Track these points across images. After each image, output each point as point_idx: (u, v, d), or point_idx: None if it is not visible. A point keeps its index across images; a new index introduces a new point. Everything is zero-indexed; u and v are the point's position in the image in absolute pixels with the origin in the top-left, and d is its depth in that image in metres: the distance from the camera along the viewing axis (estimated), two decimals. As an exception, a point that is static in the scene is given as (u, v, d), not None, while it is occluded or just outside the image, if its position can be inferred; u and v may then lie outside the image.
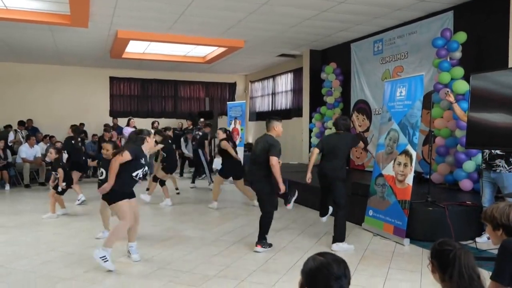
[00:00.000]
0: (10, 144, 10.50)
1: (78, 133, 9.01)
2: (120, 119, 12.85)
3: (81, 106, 12.99)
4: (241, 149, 10.50)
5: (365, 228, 5.58)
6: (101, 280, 3.78)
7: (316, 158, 5.06)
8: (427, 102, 6.19)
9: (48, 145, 10.19)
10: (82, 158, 8.29)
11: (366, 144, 5.24)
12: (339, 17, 7.56)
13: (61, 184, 6.32)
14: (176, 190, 8.49)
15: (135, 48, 10.39)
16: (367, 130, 8.96)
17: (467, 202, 5.24)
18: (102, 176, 5.08)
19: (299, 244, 4.93)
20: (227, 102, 12.52)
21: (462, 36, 6.33)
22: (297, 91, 12.09)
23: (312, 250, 4.65)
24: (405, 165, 5.13)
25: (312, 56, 10.56)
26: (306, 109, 10.85)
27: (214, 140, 11.00)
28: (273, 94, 13.59)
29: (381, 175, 5.52)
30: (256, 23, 7.92)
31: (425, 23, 7.41)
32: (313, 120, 10.28)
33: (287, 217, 6.31)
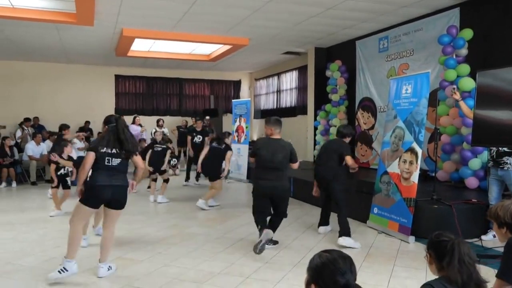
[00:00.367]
0: (19, 140, 10.58)
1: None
2: (125, 117, 12.88)
3: (86, 104, 13.06)
4: (245, 146, 10.53)
5: (370, 225, 5.57)
6: (107, 276, 3.80)
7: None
8: (433, 100, 6.16)
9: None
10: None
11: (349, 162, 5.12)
12: (344, 15, 7.53)
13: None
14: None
15: (140, 46, 10.42)
16: (372, 127, 8.93)
17: (472, 200, 5.22)
18: None
19: (304, 241, 4.94)
20: (232, 100, 12.54)
21: (468, 33, 6.29)
22: (302, 88, 12.07)
23: (317, 247, 4.65)
24: (411, 162, 5.11)
25: (317, 53, 10.53)
26: (311, 107, 10.83)
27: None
28: (278, 91, 13.57)
29: (386, 173, 5.51)
30: (261, 20, 7.91)
31: (431, 20, 7.36)
32: (318, 117, 10.26)
33: (292, 214, 6.31)
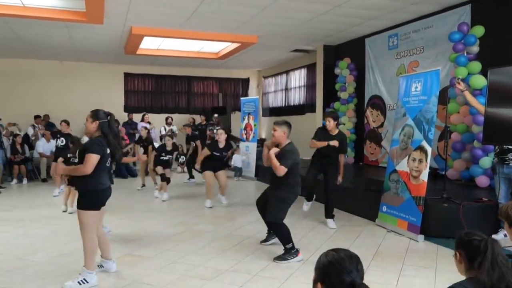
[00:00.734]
0: (33, 138, 10.71)
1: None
2: (134, 115, 12.97)
3: (96, 101, 13.05)
4: (254, 144, 10.53)
5: (379, 224, 5.55)
6: (117, 272, 3.84)
7: None
8: (443, 98, 6.10)
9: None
10: None
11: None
12: (353, 12, 7.48)
13: None
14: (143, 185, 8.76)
15: (149, 45, 10.46)
16: (381, 125, 8.88)
17: (483, 198, 5.16)
18: None
19: (311, 240, 4.93)
20: (240, 98, 12.54)
21: (479, 30, 6.21)
22: (310, 86, 12.03)
23: (325, 246, 4.65)
24: (420, 161, 5.07)
25: (326, 51, 10.48)
26: (319, 105, 10.79)
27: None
28: (286, 89, 13.54)
29: (395, 171, 5.47)
30: (270, 18, 7.89)
31: (441, 17, 7.28)
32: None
33: (300, 212, 6.30)
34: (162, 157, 7.75)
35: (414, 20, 7.87)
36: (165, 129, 12.17)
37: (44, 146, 10.00)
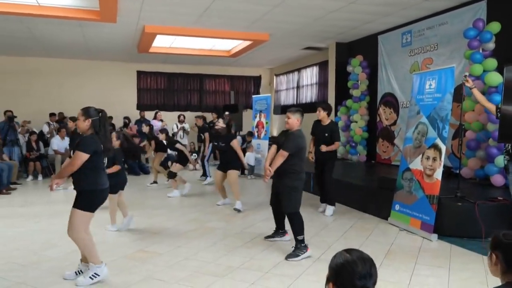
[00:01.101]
0: (48, 136, 10.88)
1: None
2: (147, 113, 13.08)
3: (109, 99, 13.25)
4: (265, 142, 10.53)
5: (391, 222, 5.50)
6: (129, 268, 3.88)
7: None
8: (458, 95, 6.01)
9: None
10: None
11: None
12: (366, 9, 7.42)
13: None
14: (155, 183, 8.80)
15: (161, 43, 10.53)
16: (394, 123, 8.79)
17: (498, 198, 5.08)
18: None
19: (323, 238, 4.91)
20: (252, 96, 12.53)
21: (495, 26, 6.10)
22: (322, 84, 11.97)
23: (337, 244, 4.63)
24: (434, 159, 5.02)
25: (338, 48, 10.42)
26: (331, 102, 10.68)
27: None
28: (298, 87, 13.50)
29: (408, 169, 5.42)
30: (281, 16, 7.87)
31: (456, 14, 7.17)
32: (338, 113, 10.16)
33: (312, 210, 6.29)
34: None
35: (428, 16, 7.77)
36: (177, 126, 12.25)
37: (59, 143, 10.14)
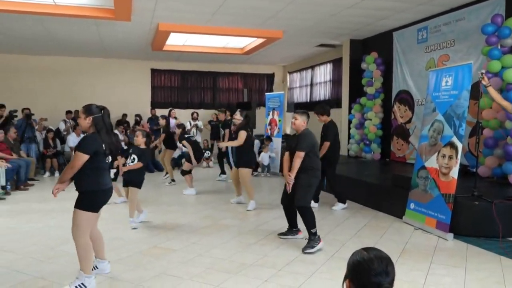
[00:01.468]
0: (64, 133, 11.06)
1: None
2: (161, 110, 13.17)
3: (124, 97, 13.43)
4: (278, 140, 10.51)
5: (406, 221, 5.44)
6: (144, 264, 3.92)
7: None
8: (475, 92, 5.91)
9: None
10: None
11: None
12: (381, 5, 7.33)
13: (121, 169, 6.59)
14: (170, 179, 8.83)
15: (175, 41, 10.58)
16: (409, 121, 8.69)
17: (516, 197, 4.98)
18: (134, 161, 5.42)
19: (337, 236, 4.89)
20: (265, 93, 12.52)
21: (514, 22, 5.97)
22: (336, 81, 11.88)
23: (350, 243, 4.60)
24: (450, 157, 4.94)
25: (352, 45, 10.33)
26: (345, 100, 10.66)
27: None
28: (312, 85, 13.43)
29: (423, 168, 5.35)
30: (295, 13, 7.83)
31: (474, 9, 7.04)
32: (352, 111, 10.09)
33: (325, 209, 6.27)
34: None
35: (444, 12, 7.64)
36: (190, 124, 12.31)
37: (75, 140, 10.27)
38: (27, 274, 3.67)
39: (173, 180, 8.79)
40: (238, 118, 6.62)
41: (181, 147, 8.94)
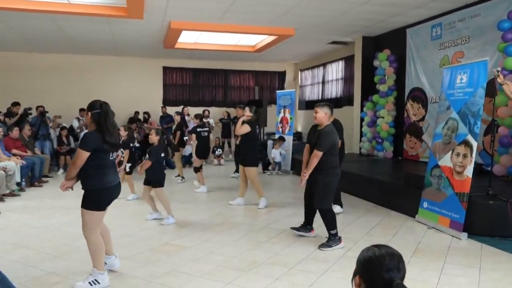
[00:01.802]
0: (78, 130, 11.20)
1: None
2: (173, 108, 13.23)
3: (136, 95, 13.53)
4: (290, 138, 10.48)
5: (419, 220, 5.38)
6: (155, 261, 3.95)
7: None
8: (490, 90, 5.80)
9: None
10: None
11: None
12: (395, 1, 7.24)
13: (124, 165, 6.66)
14: (180, 177, 8.86)
15: (187, 38, 10.62)
16: (423, 119, 8.58)
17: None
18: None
19: (349, 234, 4.85)
20: (277, 91, 12.50)
21: (532, 18, 5.85)
22: (348, 79, 11.79)
23: (362, 241, 4.57)
24: (465, 156, 4.87)
25: (365, 43, 10.23)
26: (357, 98, 10.57)
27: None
28: (323, 82, 13.35)
29: (437, 166, 5.28)
30: (307, 10, 7.78)
31: (490, 5, 6.91)
32: (364, 109, 10.00)
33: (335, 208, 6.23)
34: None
35: (459, 8, 7.52)
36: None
37: (88, 138, 10.40)
38: (41, 270, 3.72)
39: (182, 178, 8.84)
40: (248, 114, 6.61)
41: (189, 142, 8.96)
